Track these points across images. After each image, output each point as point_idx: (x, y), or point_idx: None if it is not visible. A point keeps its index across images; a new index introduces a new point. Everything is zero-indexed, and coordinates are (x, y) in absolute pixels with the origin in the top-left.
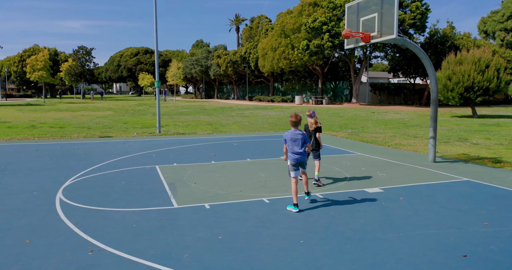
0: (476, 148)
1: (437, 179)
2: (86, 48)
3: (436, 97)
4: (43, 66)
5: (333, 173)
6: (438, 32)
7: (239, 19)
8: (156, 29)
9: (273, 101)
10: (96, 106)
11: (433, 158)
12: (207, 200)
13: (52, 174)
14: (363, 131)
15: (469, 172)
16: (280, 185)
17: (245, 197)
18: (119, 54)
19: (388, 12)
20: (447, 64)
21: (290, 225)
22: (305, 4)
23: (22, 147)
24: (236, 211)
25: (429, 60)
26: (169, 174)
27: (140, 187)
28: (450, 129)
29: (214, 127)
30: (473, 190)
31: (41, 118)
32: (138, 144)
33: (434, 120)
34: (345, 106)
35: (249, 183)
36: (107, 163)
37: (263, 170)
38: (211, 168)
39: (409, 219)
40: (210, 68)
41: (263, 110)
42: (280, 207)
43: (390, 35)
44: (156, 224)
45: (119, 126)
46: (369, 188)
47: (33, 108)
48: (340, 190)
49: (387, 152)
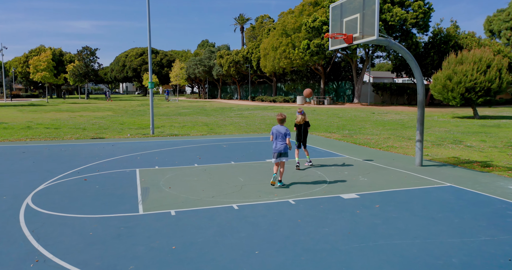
0: (468, 150)
1: (419, 184)
2: (90, 48)
3: (422, 99)
4: (46, 67)
5: (314, 177)
6: (441, 32)
7: (244, 18)
8: (149, 30)
9: (275, 102)
10: (97, 107)
11: (420, 161)
12: (175, 206)
13: (29, 177)
14: (359, 133)
15: (454, 176)
16: (255, 190)
17: (215, 203)
18: (124, 55)
19: (370, 13)
20: (448, 64)
21: (250, 234)
22: (306, 3)
23: (10, 148)
24: (201, 219)
25: (415, 62)
26: (147, 177)
27: (112, 191)
28: (448, 131)
29: (210, 128)
30: (452, 196)
31: (39, 119)
32: (128, 145)
33: (421, 123)
34: (346, 107)
35: (225, 188)
36: (89, 166)
37: (243, 174)
38: (192, 171)
39: (376, 228)
40: (213, 68)
41: (262, 111)
42: (247, 214)
43: (372, 36)
44: (113, 232)
45: (115, 127)
46: (345, 193)
47: (34, 109)
48: (316, 195)
49: (376, 154)
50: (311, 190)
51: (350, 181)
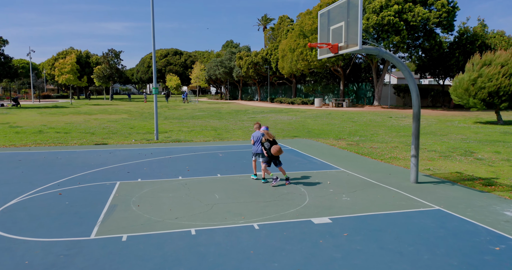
0: (477, 164)
1: (403, 206)
2: (115, 51)
3: (417, 112)
4: (70, 70)
5: (294, 196)
6: (468, 31)
7: (267, 19)
8: (153, 35)
9: (293, 104)
10: (116, 109)
11: (414, 178)
12: (131, 229)
13: (7, 190)
14: (369, 140)
15: (448, 197)
16: (225, 211)
17: (174, 226)
18: (149, 56)
19: (354, 21)
20: (472, 66)
21: (191, 267)
22: (324, 4)
23: (10, 156)
24: (149, 246)
25: (409, 71)
26: (122, 192)
27: (78, 209)
28: (464, 139)
29: (218, 133)
30: (435, 224)
31: (53, 123)
32: (126, 153)
33: (416, 138)
34: (364, 110)
35: (195, 207)
36: (74, 177)
37: (223, 189)
38: (172, 186)
39: (331, 265)
40: (234, 69)
41: (276, 114)
42: (201, 241)
43: (355, 46)
44: (49, 261)
45: (124, 131)
46: (319, 217)
47: (54, 111)
48: (286, 219)
49: (375, 167)
50: (284, 211)
51: (331, 201)
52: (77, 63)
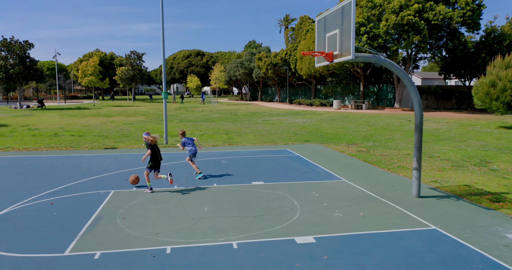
0: (489, 176)
1: (397, 225)
2: (138, 53)
3: (419, 122)
4: (92, 72)
5: (285, 210)
6: (495, 30)
7: (289, 19)
8: (163, 40)
9: (312, 105)
10: (135, 110)
11: (416, 192)
12: (107, 245)
13: (3, 198)
14: (382, 146)
15: (448, 215)
16: (208, 226)
17: (152, 243)
18: (172, 57)
19: (347, 29)
20: (493, 69)
21: None
22: None
23: (20, 160)
24: (119, 266)
25: (410, 80)
26: (113, 203)
27: (63, 221)
28: (483, 146)
29: (229, 137)
30: (426, 247)
31: (70, 125)
32: (130, 158)
33: (418, 149)
34: (383, 113)
35: (179, 221)
36: (71, 185)
37: (214, 201)
38: (164, 196)
39: None
40: (254, 70)
41: (292, 117)
42: (173, 262)
43: (349, 55)
44: None
45: (136, 135)
46: (302, 236)
47: (75, 113)
48: (268, 237)
49: (379, 178)
50: (270, 228)
51: (321, 216)
52: (101, 65)
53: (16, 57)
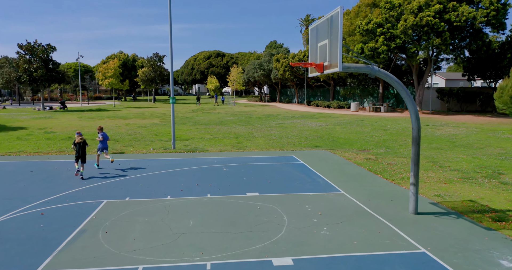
0: (498, 190)
1: (384, 246)
2: (159, 55)
3: (416, 135)
4: (113, 74)
5: (271, 226)
6: None
7: (309, 19)
8: (171, 43)
9: (329, 107)
10: (152, 112)
11: (413, 209)
12: (81, 263)
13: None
14: (392, 153)
15: (443, 236)
16: (187, 243)
17: (125, 262)
18: (193, 58)
19: (335, 40)
20: None
21: None
22: (363, 5)
23: (26, 165)
24: None
25: (406, 91)
26: (101, 214)
27: (47, 233)
28: (501, 154)
29: (239, 141)
30: None
31: (86, 128)
32: (134, 164)
33: (415, 164)
34: (401, 116)
35: (160, 237)
36: (66, 193)
37: (201, 215)
38: (154, 208)
39: None
40: (272, 71)
41: (306, 120)
42: None
43: (336, 67)
44: None
45: (147, 138)
46: (281, 257)
47: (93, 115)
48: (246, 257)
49: (380, 190)
50: (250, 246)
51: (307, 234)
52: (123, 66)
53: (39, 61)
